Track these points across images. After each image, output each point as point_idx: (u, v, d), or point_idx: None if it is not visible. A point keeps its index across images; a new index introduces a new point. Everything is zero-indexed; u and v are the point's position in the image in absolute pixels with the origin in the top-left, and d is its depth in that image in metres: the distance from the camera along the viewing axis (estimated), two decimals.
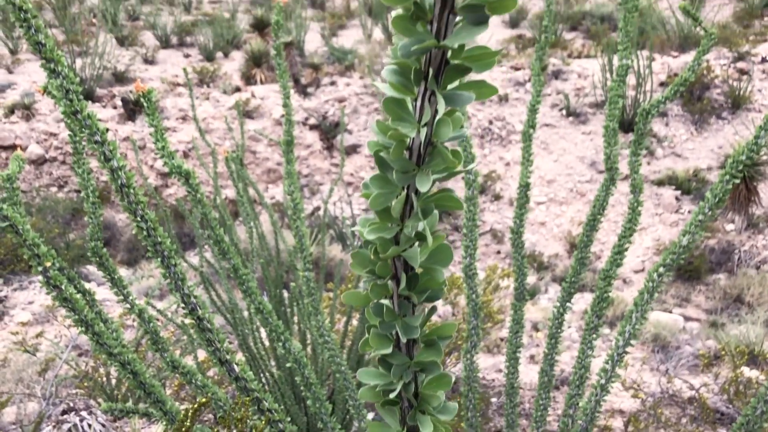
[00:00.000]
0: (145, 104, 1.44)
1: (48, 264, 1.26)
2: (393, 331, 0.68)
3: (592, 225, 1.86)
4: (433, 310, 0.64)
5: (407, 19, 0.43)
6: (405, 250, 0.55)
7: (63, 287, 1.27)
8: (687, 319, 8.47)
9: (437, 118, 0.44)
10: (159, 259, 1.21)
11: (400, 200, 0.49)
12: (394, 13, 0.43)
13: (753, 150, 1.40)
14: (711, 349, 6.77)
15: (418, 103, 0.46)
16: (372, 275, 0.59)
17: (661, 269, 1.40)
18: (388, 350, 0.68)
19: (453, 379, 0.71)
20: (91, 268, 8.66)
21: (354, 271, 0.64)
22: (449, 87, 0.46)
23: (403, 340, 0.69)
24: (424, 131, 0.46)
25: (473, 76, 0.49)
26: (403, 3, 0.42)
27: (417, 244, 0.54)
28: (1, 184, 1.62)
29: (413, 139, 0.47)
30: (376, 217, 0.51)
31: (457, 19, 0.43)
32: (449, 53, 0.44)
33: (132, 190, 1.18)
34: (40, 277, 1.30)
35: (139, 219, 1.19)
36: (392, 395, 0.71)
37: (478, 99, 0.48)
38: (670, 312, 8.69)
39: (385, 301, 0.62)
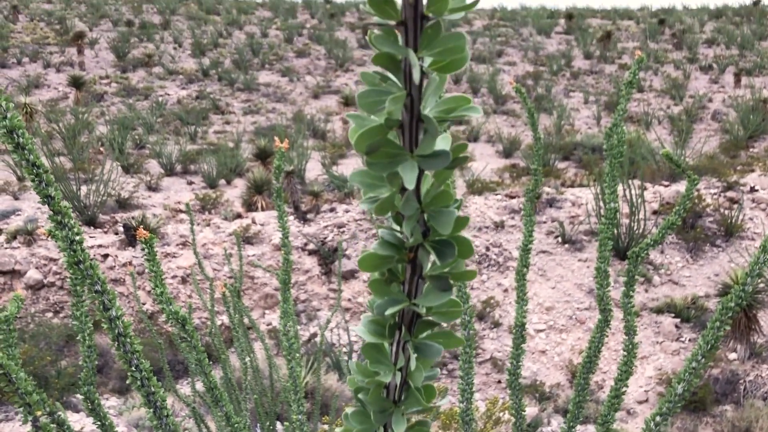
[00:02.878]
0: (146, 250, 1.48)
1: (39, 413, 1.25)
2: None
3: (588, 367, 1.85)
4: None
5: (382, 282, 0.49)
6: None
7: None
8: None
9: (411, 365, 0.49)
10: (151, 410, 1.20)
11: None
12: (370, 278, 0.48)
13: (741, 297, 1.42)
14: None
15: (394, 349, 0.51)
16: None
17: (658, 418, 1.39)
18: None
19: None
20: (81, 398, 8.42)
21: None
22: (421, 336, 0.51)
23: None
24: (399, 374, 0.51)
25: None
26: (378, 269, 0.48)
27: None
28: None
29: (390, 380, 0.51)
30: None
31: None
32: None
33: (128, 339, 1.19)
34: (29, 427, 1.29)
35: (133, 369, 1.19)
36: None
37: (445, 348, 0.52)
38: None
39: None
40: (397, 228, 0.50)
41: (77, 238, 1.23)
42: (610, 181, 2.03)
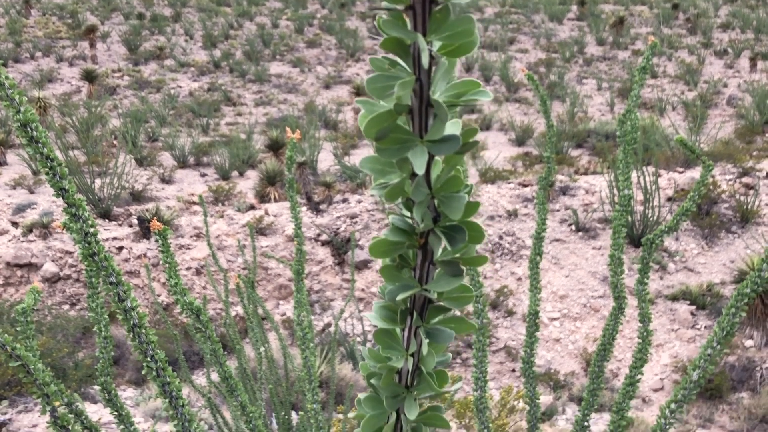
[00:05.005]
0: (160, 242, 1.49)
1: (57, 403, 1.27)
2: None
3: (602, 355, 1.84)
4: None
5: (393, 268, 0.49)
6: None
7: (69, 428, 1.26)
8: None
9: (422, 350, 0.49)
10: (167, 400, 1.21)
11: (390, 425, 0.52)
12: (381, 263, 0.49)
13: (757, 283, 1.41)
14: None
15: (405, 334, 0.51)
16: None
17: (673, 405, 1.38)
18: None
19: None
20: (98, 388, 8.50)
21: None
22: (432, 322, 0.51)
23: None
24: (411, 360, 0.51)
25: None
26: (390, 255, 0.48)
27: None
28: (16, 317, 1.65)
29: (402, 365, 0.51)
30: None
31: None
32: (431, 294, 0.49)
33: (144, 330, 1.20)
34: (47, 418, 1.30)
35: (149, 359, 1.20)
36: None
37: (457, 333, 0.52)
38: None
39: None
40: (408, 214, 0.50)
41: (91, 230, 1.24)
42: (624, 167, 2.01)
